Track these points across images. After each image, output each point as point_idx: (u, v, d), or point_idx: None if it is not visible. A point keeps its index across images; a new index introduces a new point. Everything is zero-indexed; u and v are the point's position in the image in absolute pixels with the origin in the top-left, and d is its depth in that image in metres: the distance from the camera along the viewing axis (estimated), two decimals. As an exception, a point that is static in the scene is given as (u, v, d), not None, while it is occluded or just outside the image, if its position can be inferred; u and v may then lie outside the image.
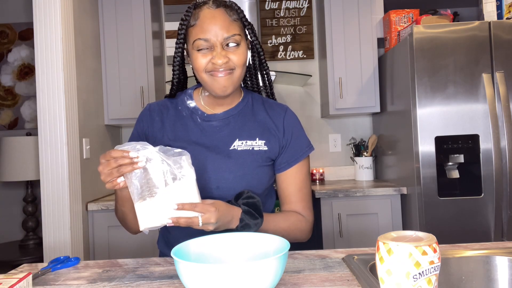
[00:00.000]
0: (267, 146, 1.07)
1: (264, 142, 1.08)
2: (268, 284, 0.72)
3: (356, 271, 0.88)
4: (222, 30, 0.99)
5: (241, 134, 1.07)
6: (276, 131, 1.10)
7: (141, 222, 0.90)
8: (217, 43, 0.99)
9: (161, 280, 0.90)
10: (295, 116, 1.14)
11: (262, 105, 1.13)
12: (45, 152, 2.05)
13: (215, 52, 1.00)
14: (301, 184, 1.11)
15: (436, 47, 2.10)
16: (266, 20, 2.96)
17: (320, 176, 2.87)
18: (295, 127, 1.12)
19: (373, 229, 2.35)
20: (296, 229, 1.09)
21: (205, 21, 0.99)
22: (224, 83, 1.02)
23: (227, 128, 1.08)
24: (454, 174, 2.15)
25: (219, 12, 1.00)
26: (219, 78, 1.01)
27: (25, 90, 3.07)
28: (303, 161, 1.12)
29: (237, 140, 1.07)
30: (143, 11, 2.59)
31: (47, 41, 2.05)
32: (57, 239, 2.04)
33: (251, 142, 1.07)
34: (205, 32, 0.99)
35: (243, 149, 1.06)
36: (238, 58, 1.01)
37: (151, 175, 0.88)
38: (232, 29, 1.00)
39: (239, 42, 1.01)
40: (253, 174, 1.06)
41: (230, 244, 0.91)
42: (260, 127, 1.09)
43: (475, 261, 0.94)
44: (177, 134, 1.09)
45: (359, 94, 2.61)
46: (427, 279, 0.62)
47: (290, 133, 1.10)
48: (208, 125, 1.09)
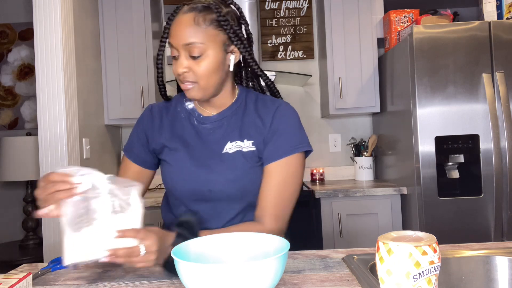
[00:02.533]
0: (255, 146, 1.03)
1: (252, 142, 1.03)
2: (268, 284, 0.72)
3: (356, 271, 0.88)
4: (182, 37, 0.95)
5: (232, 136, 1.04)
6: (262, 127, 1.03)
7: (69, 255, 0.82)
8: (180, 49, 0.96)
9: (161, 280, 0.90)
10: (290, 112, 1.05)
11: (255, 103, 1.08)
12: (45, 152, 2.05)
13: (179, 59, 0.97)
14: (278, 185, 0.99)
15: (436, 47, 2.10)
16: (266, 20, 2.96)
17: (320, 176, 2.87)
18: (284, 122, 1.03)
19: (373, 229, 2.35)
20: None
21: (173, 25, 0.97)
22: (191, 94, 1.00)
23: (219, 131, 1.06)
24: (454, 174, 2.15)
25: (187, 17, 0.96)
26: (187, 89, 1.00)
27: (25, 90, 3.07)
28: (287, 160, 1.00)
29: (228, 143, 1.04)
30: (143, 11, 2.59)
31: (47, 41, 2.04)
32: (57, 239, 2.04)
33: (240, 143, 1.03)
34: (171, 37, 0.98)
35: (234, 151, 1.03)
36: (198, 69, 0.96)
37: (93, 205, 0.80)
38: (194, 36, 0.95)
39: (202, 52, 0.96)
40: (245, 176, 1.02)
41: (230, 244, 0.91)
42: (249, 127, 1.05)
43: (475, 261, 0.94)
44: (174, 135, 1.08)
45: (359, 94, 2.61)
46: (427, 279, 0.62)
47: (276, 127, 1.02)
48: (203, 127, 1.07)
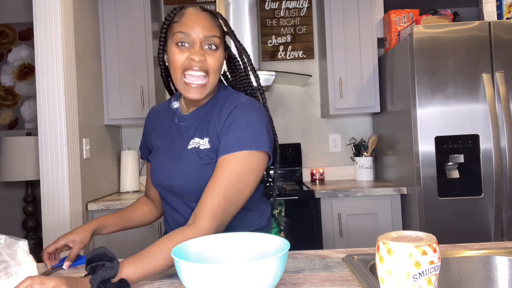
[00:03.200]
0: (210, 144, 1.03)
1: (208, 139, 1.04)
2: (268, 284, 0.72)
3: (356, 271, 0.88)
4: (204, 29, 1.01)
5: (197, 134, 1.07)
6: (218, 125, 1.03)
7: None
8: (197, 40, 1.00)
9: (161, 280, 0.90)
10: (247, 111, 1.02)
11: (224, 101, 1.08)
12: (45, 152, 2.05)
13: (193, 49, 1.00)
14: (220, 182, 0.95)
15: (436, 47, 2.10)
16: (266, 20, 2.96)
17: (320, 176, 2.87)
18: (238, 119, 1.00)
19: (373, 229, 2.36)
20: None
21: (190, 17, 1.02)
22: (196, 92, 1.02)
23: (191, 129, 1.09)
24: (454, 174, 2.15)
25: (204, 14, 1.03)
26: (192, 88, 1.01)
27: (25, 90, 3.07)
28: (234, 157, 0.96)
29: (191, 140, 1.07)
30: (143, 11, 2.59)
31: (47, 41, 2.05)
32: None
33: (199, 140, 1.05)
34: (187, 27, 1.00)
35: (191, 148, 1.05)
36: (214, 62, 1.02)
37: None
38: (214, 31, 1.02)
39: (218, 45, 1.03)
40: (198, 173, 1.02)
41: (230, 244, 0.91)
42: (210, 125, 1.05)
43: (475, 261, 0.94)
44: (160, 135, 1.15)
45: (359, 94, 2.61)
46: (427, 279, 0.62)
47: (229, 124, 1.01)
48: (180, 125, 1.11)
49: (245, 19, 2.66)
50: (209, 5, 2.95)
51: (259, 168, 0.99)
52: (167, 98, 2.96)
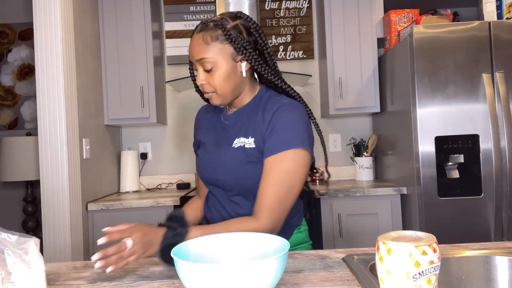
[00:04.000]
0: (255, 144, 1.11)
1: (254, 139, 1.12)
2: (268, 284, 0.72)
3: (356, 271, 0.88)
4: (194, 54, 1.10)
5: (241, 133, 1.15)
6: (263, 125, 1.11)
7: None
8: (197, 65, 1.11)
9: (161, 280, 0.90)
10: (289, 111, 1.09)
11: (266, 102, 1.15)
12: (45, 152, 2.05)
13: (198, 73, 1.11)
14: (274, 180, 1.04)
15: (436, 47, 2.10)
16: (266, 20, 2.96)
17: (320, 176, 2.87)
18: (281, 119, 1.08)
19: (373, 229, 2.36)
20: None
21: (190, 45, 1.12)
22: (212, 101, 1.14)
23: (234, 127, 1.17)
24: (454, 174, 2.15)
25: (198, 37, 1.09)
26: (207, 97, 1.14)
27: (25, 90, 3.07)
28: (282, 156, 1.05)
29: (237, 138, 1.14)
30: (143, 11, 2.59)
31: (47, 41, 2.05)
32: (57, 239, 2.04)
33: (244, 139, 1.13)
34: (190, 55, 1.13)
35: (237, 147, 1.13)
36: (212, 81, 1.10)
37: None
38: (204, 53, 1.08)
39: (212, 65, 1.08)
40: (243, 169, 1.11)
41: (230, 244, 0.91)
42: (254, 125, 1.13)
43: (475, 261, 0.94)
44: (207, 132, 1.25)
45: (359, 94, 2.61)
46: (427, 279, 0.62)
47: (273, 125, 1.08)
48: (225, 123, 1.20)
49: (245, 19, 2.66)
50: (209, 5, 2.95)
51: (305, 165, 1.08)
52: (167, 98, 2.96)
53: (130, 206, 2.30)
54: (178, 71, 2.95)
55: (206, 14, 2.95)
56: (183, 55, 2.94)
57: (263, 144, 1.10)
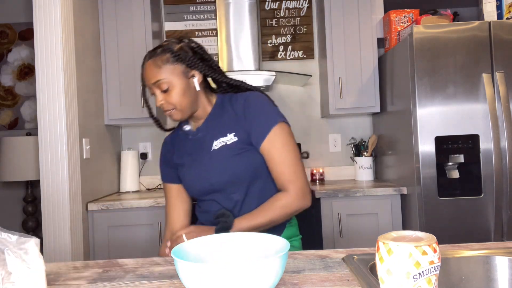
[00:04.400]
0: (237, 136, 1.21)
1: (234, 133, 1.22)
2: (268, 284, 0.72)
3: (356, 271, 0.88)
4: (149, 80, 1.21)
5: (216, 135, 1.24)
6: (239, 119, 1.22)
7: None
8: (153, 88, 1.21)
9: (161, 280, 0.90)
10: (256, 98, 1.23)
11: (229, 101, 1.27)
12: (45, 152, 2.05)
13: (156, 95, 1.22)
14: (279, 157, 1.18)
15: (436, 47, 2.10)
16: (266, 20, 2.96)
17: (320, 176, 2.87)
18: (254, 108, 1.21)
19: (373, 229, 2.35)
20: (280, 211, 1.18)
21: (143, 72, 1.24)
22: (173, 117, 1.24)
23: (207, 135, 1.27)
24: (454, 174, 2.15)
25: (150, 63, 1.21)
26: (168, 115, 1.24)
27: (25, 90, 3.07)
28: (273, 134, 1.19)
29: (214, 141, 1.24)
30: (143, 11, 2.59)
31: (47, 41, 2.05)
32: (57, 239, 2.04)
33: (223, 138, 1.23)
34: (145, 81, 1.23)
35: (219, 147, 1.22)
36: (170, 99, 1.20)
37: None
38: (158, 75, 1.19)
39: (167, 86, 1.19)
40: (233, 163, 1.20)
41: (230, 244, 0.91)
42: (229, 123, 1.24)
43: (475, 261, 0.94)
44: (180, 155, 1.32)
45: (359, 94, 2.61)
46: (427, 279, 0.62)
47: (250, 115, 1.21)
48: (195, 138, 1.29)
49: (245, 19, 2.66)
50: (209, 5, 2.95)
51: (291, 132, 1.23)
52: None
53: (130, 206, 2.30)
54: (178, 71, 2.95)
55: (206, 14, 2.96)
56: (183, 55, 2.94)
57: (245, 134, 1.20)
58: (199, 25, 2.96)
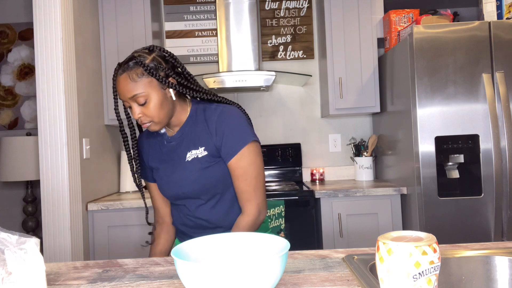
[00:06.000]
0: (207, 151, 1.24)
1: (204, 147, 1.24)
2: (268, 284, 0.72)
3: (356, 271, 0.88)
4: (126, 94, 1.18)
5: (190, 147, 1.26)
6: (210, 133, 1.24)
7: None
8: (129, 101, 1.19)
9: (161, 280, 0.90)
10: (230, 115, 1.24)
11: (203, 112, 1.28)
12: (45, 152, 2.05)
13: (132, 109, 1.20)
14: (243, 176, 1.22)
15: (436, 47, 2.10)
16: (266, 20, 2.96)
17: (320, 176, 2.87)
18: (226, 124, 1.23)
19: (373, 229, 2.35)
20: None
21: (117, 86, 1.20)
22: (151, 128, 1.23)
23: (181, 145, 1.28)
24: (454, 174, 2.15)
25: (124, 77, 1.17)
26: (146, 127, 1.23)
27: (25, 90, 3.07)
28: (241, 154, 1.22)
29: (188, 153, 1.26)
30: (143, 11, 2.59)
31: (47, 41, 2.04)
32: (57, 239, 2.04)
33: (195, 151, 1.25)
34: (120, 95, 1.20)
35: (191, 159, 1.25)
36: (148, 112, 1.19)
37: None
38: (134, 90, 1.17)
39: (145, 99, 1.18)
40: (204, 175, 1.24)
41: (230, 244, 0.91)
42: (200, 135, 1.25)
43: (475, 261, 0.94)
44: (153, 157, 1.34)
45: (359, 94, 2.61)
46: (427, 279, 0.62)
47: (221, 132, 1.22)
48: (170, 145, 1.30)
49: (245, 19, 2.66)
50: (209, 5, 2.95)
51: (260, 152, 1.26)
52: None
53: (130, 206, 2.29)
54: (178, 71, 2.95)
55: (206, 14, 2.96)
56: (183, 55, 2.94)
57: (215, 149, 1.23)
58: (199, 25, 2.96)
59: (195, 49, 2.95)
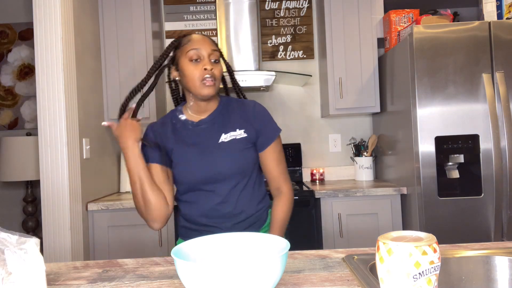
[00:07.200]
0: (246, 133, 1.34)
1: (244, 130, 1.34)
2: (268, 284, 0.72)
3: (356, 271, 0.88)
4: (209, 45, 1.31)
5: (225, 129, 1.34)
6: (249, 119, 1.36)
7: None
8: (206, 54, 1.29)
9: (161, 280, 0.90)
10: (264, 109, 1.41)
11: (236, 103, 1.41)
12: (45, 152, 2.05)
13: (205, 61, 1.29)
14: (278, 159, 1.38)
15: (436, 47, 2.10)
16: (266, 20, 2.96)
17: (320, 176, 2.87)
18: (263, 115, 1.38)
19: (373, 229, 2.35)
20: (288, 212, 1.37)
21: (197, 38, 1.32)
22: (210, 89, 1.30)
23: (213, 128, 1.35)
24: (454, 174, 2.15)
25: (206, 37, 1.34)
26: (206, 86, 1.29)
27: (25, 90, 3.07)
28: (276, 141, 1.38)
29: (223, 134, 1.33)
30: (143, 11, 2.59)
31: (47, 41, 2.04)
32: (57, 239, 2.04)
33: (233, 133, 1.34)
34: (198, 45, 1.29)
35: (229, 140, 1.33)
36: (218, 71, 1.31)
37: None
38: (215, 47, 1.32)
39: (218, 59, 1.32)
40: (240, 155, 1.32)
41: (230, 244, 0.91)
42: (236, 120, 1.36)
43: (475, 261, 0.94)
44: (178, 141, 1.36)
45: (359, 94, 2.61)
46: (427, 279, 0.62)
47: (261, 120, 1.36)
48: (199, 129, 1.36)
49: (245, 19, 2.66)
50: (209, 5, 2.95)
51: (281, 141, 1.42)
52: (167, 98, 2.96)
53: (130, 206, 2.29)
54: (178, 71, 2.95)
55: (206, 14, 2.95)
56: (183, 55, 2.94)
57: (254, 134, 1.35)
58: (199, 25, 2.96)
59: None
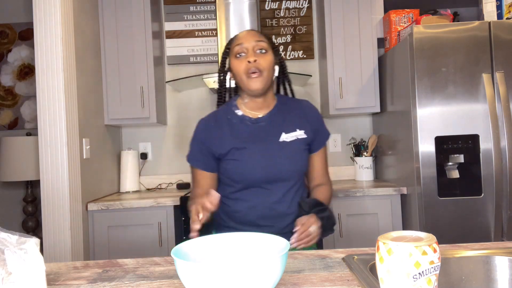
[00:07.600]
0: (306, 134, 1.36)
1: (304, 131, 1.36)
2: (268, 284, 0.72)
3: (356, 271, 0.88)
4: (253, 37, 1.32)
5: (285, 128, 1.35)
6: (308, 120, 1.38)
7: None
8: (249, 47, 1.30)
9: (161, 280, 0.90)
10: (316, 109, 1.44)
11: (292, 102, 1.42)
12: (45, 152, 2.05)
13: (249, 54, 1.30)
14: (325, 159, 1.46)
15: (436, 47, 2.10)
16: (266, 20, 2.96)
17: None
18: (319, 116, 1.43)
19: (373, 229, 2.35)
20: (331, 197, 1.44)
21: (241, 35, 1.35)
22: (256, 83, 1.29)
23: (272, 126, 1.35)
24: (454, 174, 2.15)
25: (251, 30, 1.36)
26: (252, 79, 1.29)
27: (25, 90, 3.07)
28: (324, 147, 1.45)
29: (283, 134, 1.34)
30: (143, 11, 2.59)
31: (47, 41, 2.04)
32: (57, 239, 2.04)
33: (294, 133, 1.35)
34: (242, 40, 1.32)
35: (291, 140, 1.34)
36: (264, 61, 1.29)
37: None
38: (261, 38, 1.32)
39: (266, 49, 1.31)
40: (299, 156, 1.35)
41: (230, 244, 0.91)
42: (296, 120, 1.37)
43: (475, 261, 0.94)
44: (236, 137, 1.34)
45: (359, 94, 2.61)
46: (427, 279, 0.62)
47: (317, 120, 1.40)
48: (258, 126, 1.36)
49: (245, 19, 2.66)
50: (209, 5, 2.95)
51: None
52: (167, 98, 2.95)
53: (130, 206, 2.30)
54: (178, 71, 2.95)
55: (206, 14, 2.95)
56: (183, 55, 2.94)
57: (312, 135, 1.37)
58: (199, 25, 2.96)
59: (195, 49, 2.95)
